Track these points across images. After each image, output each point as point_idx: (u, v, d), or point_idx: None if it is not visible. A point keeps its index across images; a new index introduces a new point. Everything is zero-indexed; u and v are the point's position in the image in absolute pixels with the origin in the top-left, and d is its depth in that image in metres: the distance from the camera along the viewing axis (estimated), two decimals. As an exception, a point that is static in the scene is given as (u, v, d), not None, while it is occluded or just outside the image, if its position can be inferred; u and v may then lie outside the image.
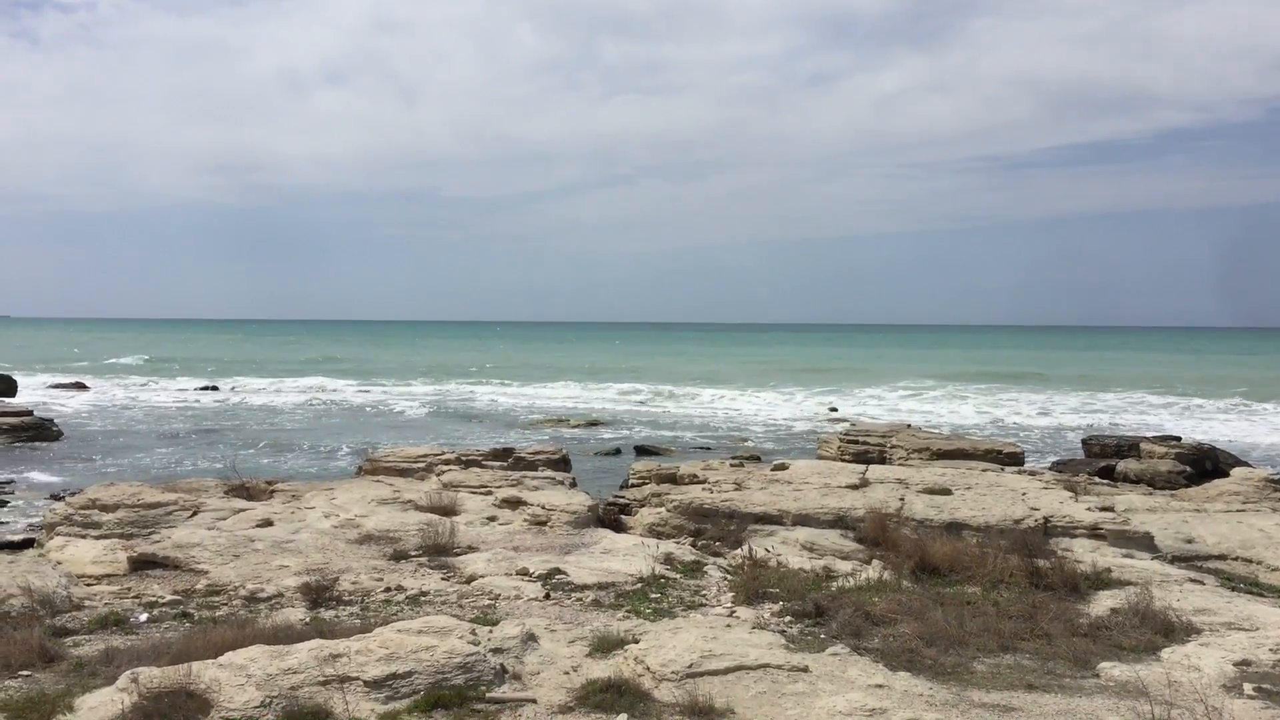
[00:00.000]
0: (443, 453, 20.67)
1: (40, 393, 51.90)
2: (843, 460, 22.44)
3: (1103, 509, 14.56)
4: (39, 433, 32.73)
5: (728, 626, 9.09)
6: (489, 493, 16.42)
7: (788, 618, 10.05)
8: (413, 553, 12.72)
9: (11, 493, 22.45)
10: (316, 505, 15.39)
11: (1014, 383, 64.94)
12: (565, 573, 11.67)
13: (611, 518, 15.92)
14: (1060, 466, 25.61)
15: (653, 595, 11.02)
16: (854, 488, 15.80)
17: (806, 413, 47.74)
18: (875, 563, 12.25)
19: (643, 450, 31.99)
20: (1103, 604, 10.19)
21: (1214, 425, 41.53)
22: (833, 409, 48.86)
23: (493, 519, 14.88)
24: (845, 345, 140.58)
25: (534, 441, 30.86)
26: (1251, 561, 13.25)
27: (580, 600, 10.81)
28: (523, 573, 11.69)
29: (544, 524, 14.60)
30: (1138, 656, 8.61)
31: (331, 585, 10.93)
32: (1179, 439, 28.30)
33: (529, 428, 39.99)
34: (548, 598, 10.84)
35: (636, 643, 8.36)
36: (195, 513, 14.62)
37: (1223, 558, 13.47)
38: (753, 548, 12.43)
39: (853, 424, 32.03)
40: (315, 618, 9.97)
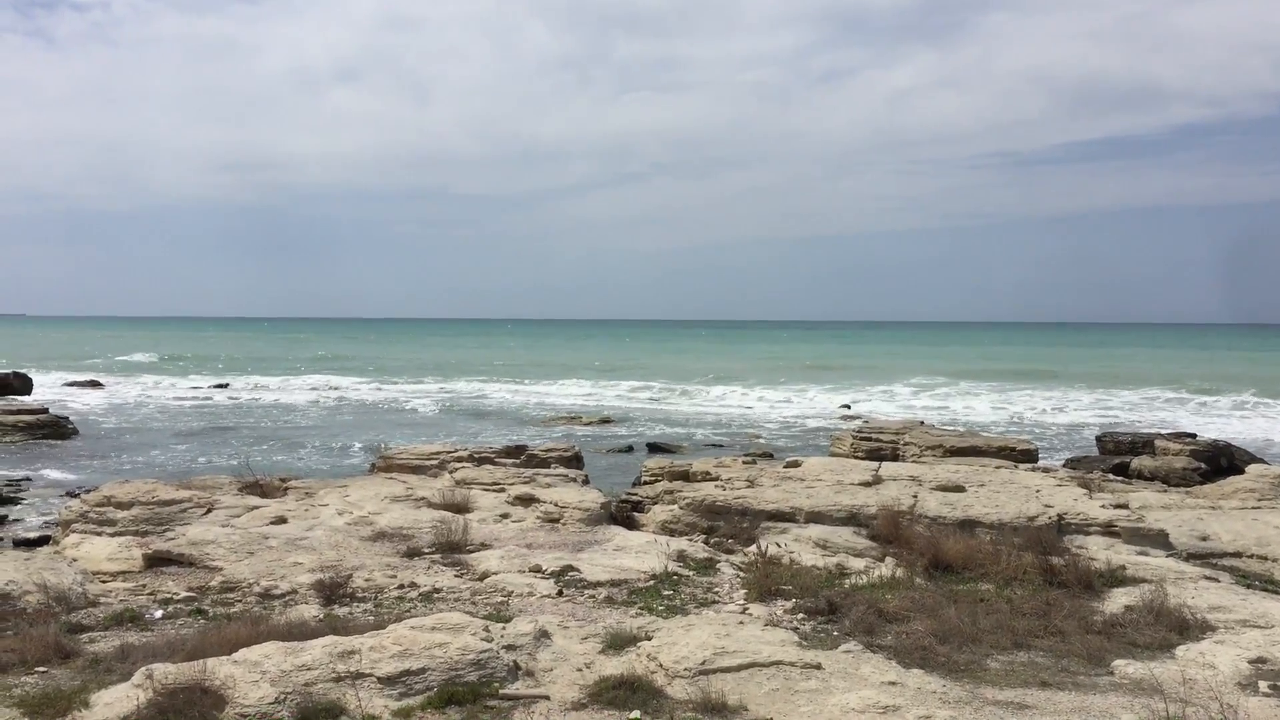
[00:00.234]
0: (455, 450, 20.71)
1: (55, 390, 52.16)
2: (855, 457, 22.42)
3: (1117, 506, 14.51)
4: (54, 430, 32.89)
5: (740, 624, 9.08)
6: (502, 490, 16.44)
7: (800, 615, 10.04)
8: (426, 550, 12.75)
9: (27, 490, 22.58)
10: (330, 502, 15.43)
11: (1027, 380, 64.71)
12: (578, 570, 11.69)
13: (624, 515, 15.94)
14: (1074, 463, 25.52)
15: (665, 592, 11.02)
16: (867, 485, 15.77)
17: (819, 410, 47.68)
18: (888, 560, 12.23)
19: (655, 447, 31.98)
20: (1117, 601, 10.15)
21: (1229, 422, 41.34)
22: (845, 406, 48.77)
23: (505, 516, 14.90)
24: (857, 342, 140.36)
25: (546, 439, 30.91)
26: (1267, 559, 13.18)
27: (593, 597, 10.82)
28: (535, 570, 11.71)
29: (557, 521, 14.61)
30: (1152, 654, 8.58)
31: (345, 582, 10.96)
32: (1194, 436, 28.19)
33: (541, 425, 40.03)
34: (560, 595, 10.85)
35: (649, 640, 8.37)
36: (209, 510, 14.68)
37: (1238, 555, 13.40)
38: (765, 545, 12.42)
39: (865, 421, 31.99)
40: (329, 615, 10.01)
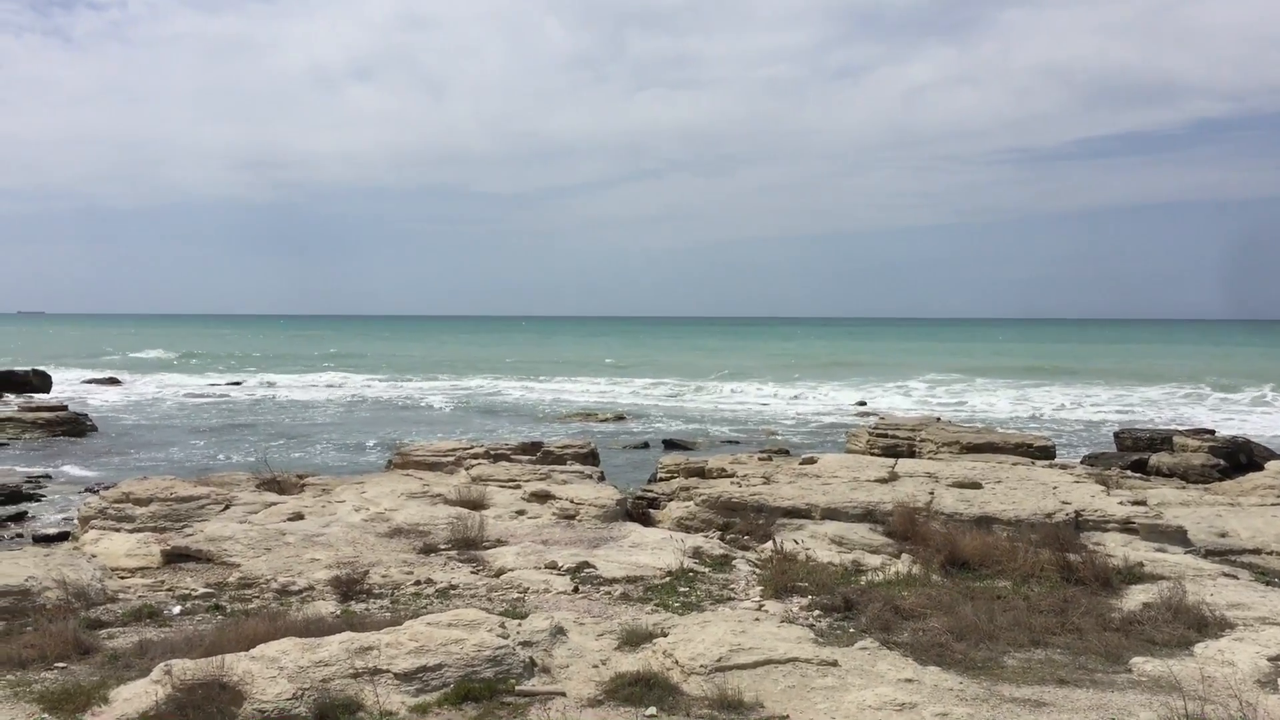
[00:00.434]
0: (471, 447, 20.74)
1: (74, 387, 52.55)
2: (871, 454, 22.35)
3: (1135, 503, 14.44)
4: (73, 427, 33.11)
5: (756, 620, 9.08)
6: (517, 486, 16.46)
7: (816, 612, 10.03)
8: (442, 546, 12.78)
9: (47, 487, 22.73)
10: (346, 499, 15.48)
11: (1044, 376, 64.46)
12: (594, 566, 11.69)
13: (640, 511, 15.94)
14: (1092, 460, 25.40)
15: (681, 589, 11.02)
16: (883, 481, 15.73)
17: (835, 406, 47.59)
18: (905, 557, 12.20)
19: (671, 444, 31.99)
20: (1135, 598, 10.10)
21: (1247, 418, 41.10)
22: (861, 403, 48.67)
23: (521, 513, 14.92)
24: (873, 339, 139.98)
25: (562, 435, 30.93)
26: (1287, 556, 13.08)
27: (609, 594, 10.83)
28: (551, 566, 11.72)
29: (572, 518, 14.62)
30: (1170, 651, 8.53)
31: (362, 578, 11.00)
32: (1212, 432, 28.04)
33: (557, 422, 40.07)
34: (576, 591, 10.86)
35: (665, 636, 8.37)
36: (227, 506, 14.74)
37: (1257, 552, 13.30)
38: (781, 541, 12.41)
39: (881, 418, 31.90)
40: (346, 611, 10.04)
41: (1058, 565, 11.03)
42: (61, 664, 8.13)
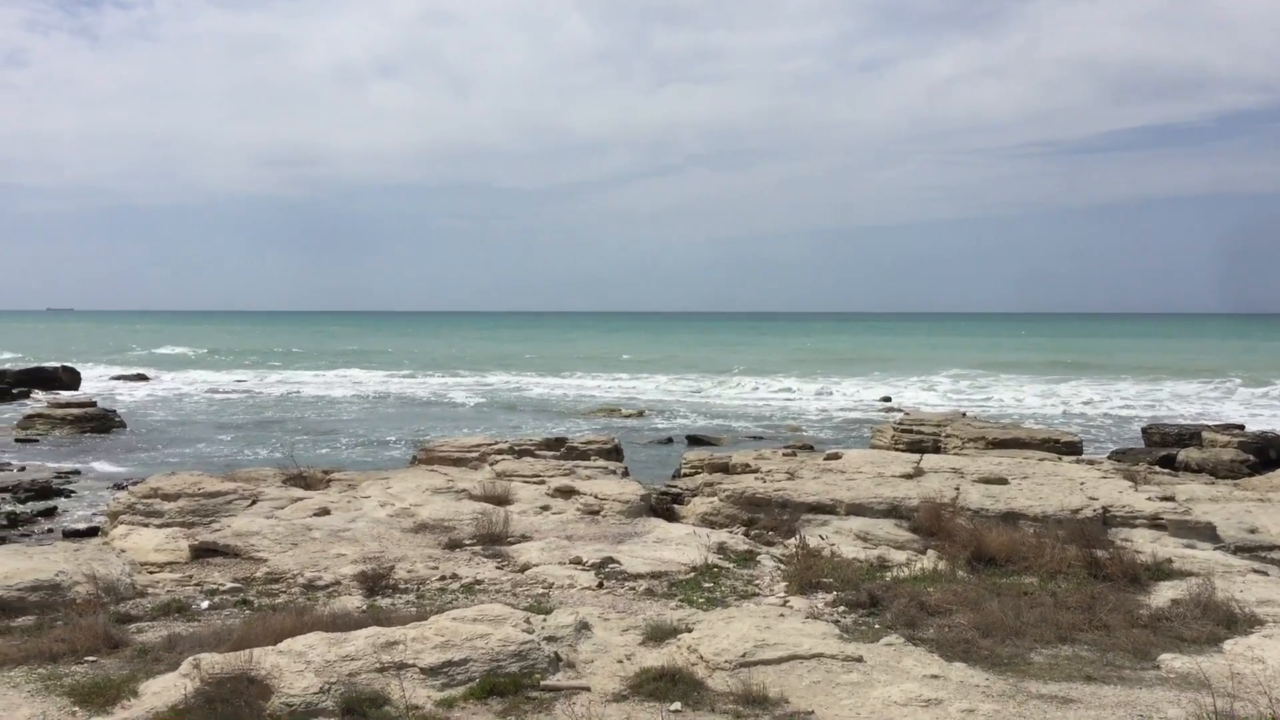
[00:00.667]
0: (496, 442, 20.78)
1: (103, 384, 53.07)
2: (896, 449, 22.27)
3: (1163, 499, 14.31)
4: (102, 423, 33.46)
5: (781, 616, 9.06)
6: (542, 482, 16.48)
7: (841, 608, 10.00)
8: (467, 541, 12.82)
9: (77, 482, 22.97)
10: (372, 494, 15.54)
11: (1070, 371, 64.04)
12: (618, 562, 11.70)
13: (664, 507, 15.93)
14: (1119, 456, 25.20)
15: (705, 584, 11.01)
16: (908, 477, 15.67)
17: (858, 402, 47.43)
18: (930, 553, 12.14)
19: (695, 440, 31.97)
20: (1163, 595, 10.03)
21: (1277, 413, 40.65)
22: (886, 398, 48.49)
23: (546, 508, 14.94)
24: (898, 334, 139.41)
25: (586, 431, 30.97)
26: (1318, 552, 12.95)
27: (633, 589, 10.83)
28: (576, 562, 11.73)
29: (597, 513, 14.63)
30: (1199, 648, 8.46)
31: (387, 573, 11.04)
32: (1241, 427, 27.79)
33: (581, 417, 40.11)
34: (601, 586, 10.87)
35: (690, 632, 8.37)
36: (254, 502, 14.83)
37: (1287, 548, 13.18)
38: (806, 537, 12.38)
39: (906, 413, 31.78)
40: (372, 605, 10.08)
41: (1085, 561, 10.95)
42: (91, 658, 8.21)
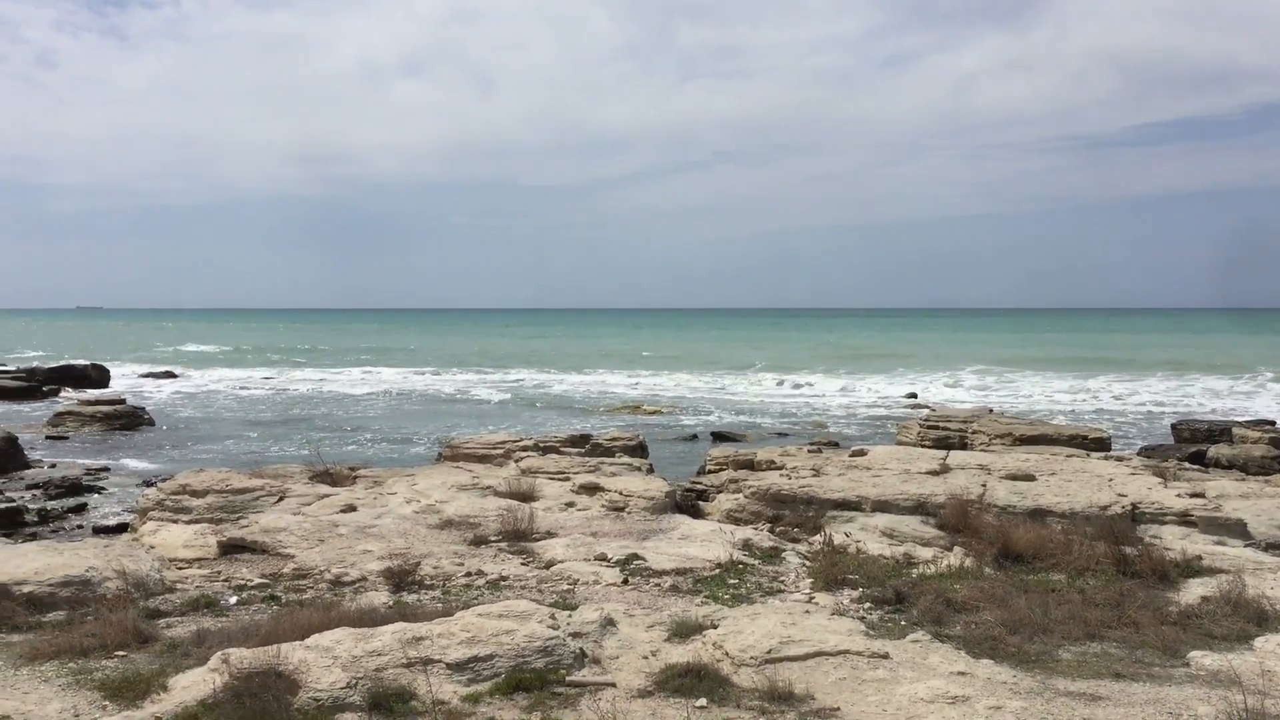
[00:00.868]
0: (521, 439, 20.82)
1: (132, 381, 53.61)
2: (923, 446, 22.15)
3: (1193, 495, 14.18)
4: (132, 420, 33.78)
5: (806, 613, 9.04)
6: (567, 479, 16.51)
7: (867, 604, 9.97)
8: (492, 538, 12.85)
9: (107, 479, 23.19)
10: (398, 491, 15.60)
11: (1099, 366, 63.51)
12: (643, 558, 11.70)
13: (689, 504, 15.92)
14: (1148, 452, 25.01)
15: (731, 581, 11.00)
16: (934, 474, 15.59)
17: (884, 398, 47.24)
18: (957, 549, 12.08)
19: (720, 436, 31.93)
20: (1193, 592, 9.94)
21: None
22: (912, 394, 48.28)
23: (571, 505, 14.96)
24: (923, 329, 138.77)
25: (611, 427, 30.98)
26: (1351, 549, 12.80)
27: (658, 585, 10.83)
28: (601, 558, 11.74)
29: (622, 510, 14.64)
30: (1230, 645, 8.38)
31: (413, 570, 11.09)
32: (1272, 423, 27.53)
33: (606, 414, 40.15)
34: (626, 583, 10.88)
35: (715, 628, 8.36)
36: (281, 498, 14.93)
37: (1320, 545, 13.04)
38: (831, 534, 12.34)
39: (933, 409, 31.62)
40: (398, 601, 10.13)
41: (1113, 558, 10.87)
42: (121, 652, 8.28)
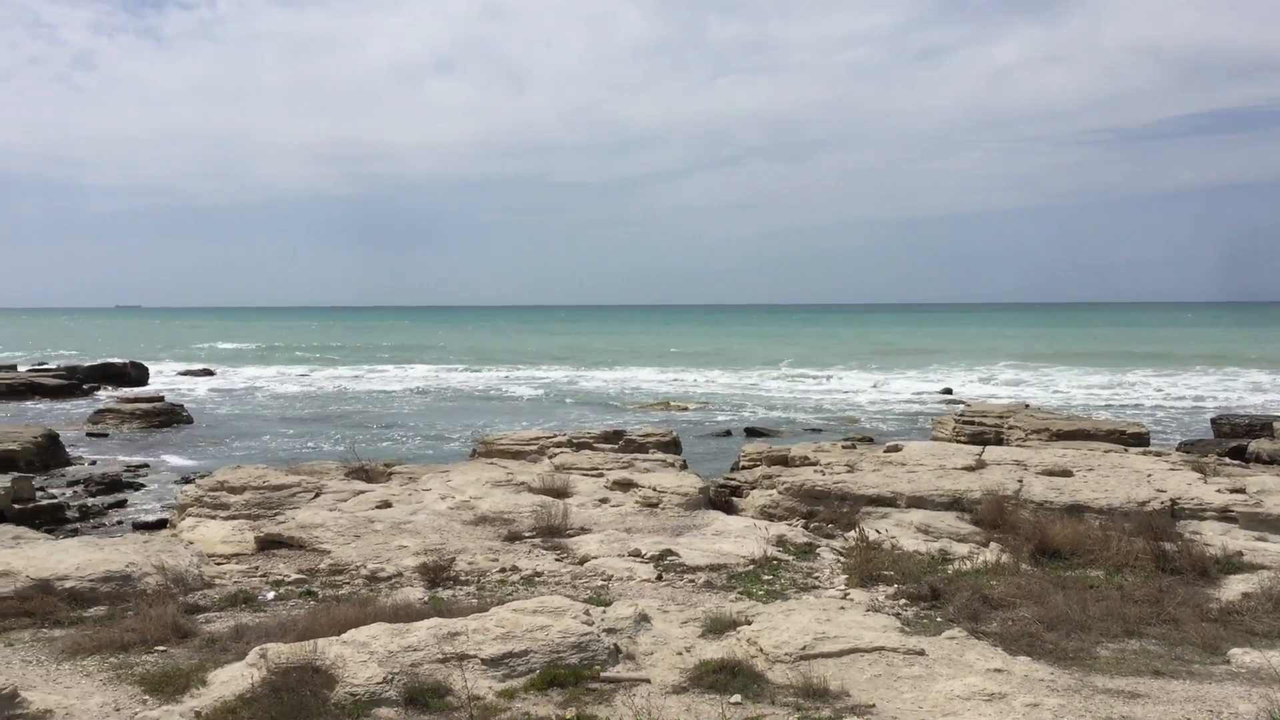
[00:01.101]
0: (554, 435, 20.87)
1: (170, 379, 54.23)
2: (958, 441, 22.00)
3: (1234, 490, 14.00)
4: (170, 418, 34.15)
5: (841, 609, 9.00)
6: (600, 475, 16.53)
7: (902, 600, 9.92)
8: (526, 534, 12.90)
9: (146, 476, 23.46)
10: (433, 487, 15.69)
11: (1137, 361, 62.81)
12: (677, 554, 11.70)
13: (722, 500, 15.91)
14: (1188, 447, 24.69)
15: (765, 577, 10.98)
16: (970, 469, 15.49)
17: (918, 394, 46.94)
18: (993, 545, 12.00)
19: (753, 432, 31.85)
20: (1234, 588, 9.82)
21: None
22: (947, 390, 47.93)
23: (604, 501, 14.99)
24: (960, 325, 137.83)
25: (644, 424, 30.97)
26: (1396, 545, 12.59)
27: (692, 581, 10.83)
28: (635, 554, 11.76)
29: (655, 506, 14.65)
30: (1271, 642, 8.27)
31: (448, 565, 11.15)
32: (1316, 418, 27.04)
33: (639, 410, 40.14)
34: (660, 579, 10.88)
35: (749, 624, 8.34)
36: (317, 494, 15.05)
37: (1364, 541, 12.83)
38: (866, 530, 12.29)
39: (968, 404, 31.38)
40: (433, 597, 10.19)
41: (1152, 554, 10.76)
42: (161, 647, 8.38)
